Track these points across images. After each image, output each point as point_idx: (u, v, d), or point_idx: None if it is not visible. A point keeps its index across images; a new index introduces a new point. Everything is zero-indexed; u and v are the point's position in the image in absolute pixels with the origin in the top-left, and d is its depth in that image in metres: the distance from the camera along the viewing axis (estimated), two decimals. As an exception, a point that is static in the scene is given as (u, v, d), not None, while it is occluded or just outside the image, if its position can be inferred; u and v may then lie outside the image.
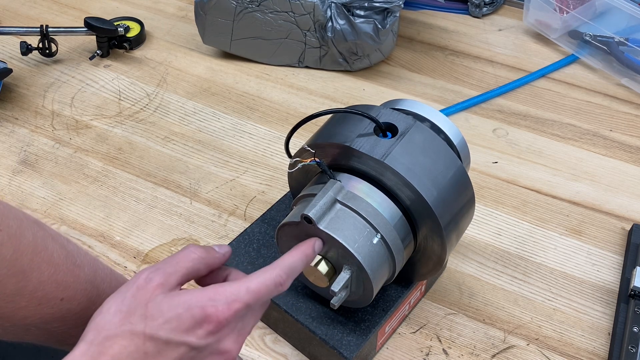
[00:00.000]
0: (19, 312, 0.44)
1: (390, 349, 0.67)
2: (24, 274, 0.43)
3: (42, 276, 0.44)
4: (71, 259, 0.47)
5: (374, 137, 0.56)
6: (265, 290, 0.46)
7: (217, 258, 0.49)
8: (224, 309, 0.43)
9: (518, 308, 0.70)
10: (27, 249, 0.43)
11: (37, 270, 0.44)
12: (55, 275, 0.45)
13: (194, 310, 0.43)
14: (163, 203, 0.82)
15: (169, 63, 1.04)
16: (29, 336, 0.47)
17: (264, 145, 0.90)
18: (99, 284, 0.49)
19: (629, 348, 0.64)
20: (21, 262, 0.43)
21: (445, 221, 0.56)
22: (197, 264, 0.47)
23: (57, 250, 0.46)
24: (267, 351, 0.67)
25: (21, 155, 0.88)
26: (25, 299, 0.43)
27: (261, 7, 0.96)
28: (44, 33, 0.99)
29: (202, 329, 0.43)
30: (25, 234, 0.44)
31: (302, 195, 0.58)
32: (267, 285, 0.46)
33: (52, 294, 0.45)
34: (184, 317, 0.42)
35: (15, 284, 0.42)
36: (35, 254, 0.44)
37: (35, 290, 0.44)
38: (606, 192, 0.83)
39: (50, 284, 0.45)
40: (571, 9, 1.03)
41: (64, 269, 0.46)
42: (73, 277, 0.47)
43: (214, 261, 0.48)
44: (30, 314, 0.44)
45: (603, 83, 1.00)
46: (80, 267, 0.48)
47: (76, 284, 0.47)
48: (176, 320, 0.42)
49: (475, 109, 0.96)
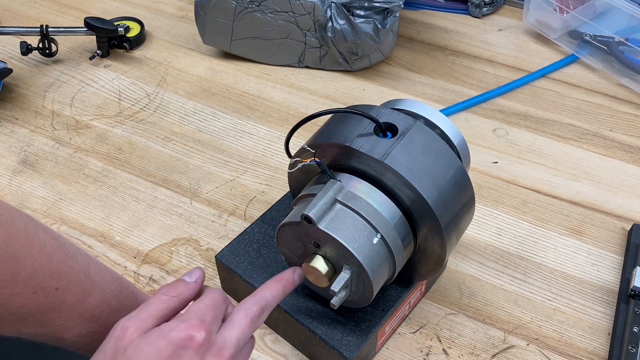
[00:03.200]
0: (15, 299, 0.44)
1: (390, 349, 0.67)
2: (18, 260, 0.43)
3: (35, 263, 0.44)
4: (63, 249, 0.48)
5: (374, 137, 0.56)
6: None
7: (189, 289, 0.49)
8: (198, 324, 0.44)
9: (518, 308, 0.70)
10: (19, 236, 0.44)
11: (30, 258, 0.44)
12: (49, 263, 0.46)
13: (170, 335, 0.43)
14: (163, 203, 0.82)
15: (169, 63, 1.04)
16: (26, 328, 0.47)
17: (264, 145, 0.90)
18: (92, 276, 0.49)
19: (629, 348, 0.64)
20: (13, 248, 0.43)
21: (445, 221, 0.55)
22: (170, 304, 0.47)
23: (49, 240, 0.47)
24: (267, 351, 0.67)
25: (21, 155, 0.88)
26: (20, 285, 0.44)
27: (261, 7, 0.96)
28: (44, 33, 0.99)
29: (188, 349, 0.43)
30: (16, 222, 0.44)
31: (302, 195, 0.58)
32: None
33: (47, 283, 0.45)
34: (162, 346, 0.42)
35: (9, 270, 0.43)
36: (27, 241, 0.44)
37: (30, 278, 0.44)
38: (606, 192, 0.83)
39: (44, 272, 0.45)
40: (571, 9, 1.03)
41: (57, 258, 0.46)
42: (66, 267, 0.47)
43: (187, 293, 0.49)
44: (26, 302, 0.45)
45: (603, 83, 1.00)
46: (73, 258, 0.48)
47: (70, 274, 0.47)
48: (156, 352, 0.42)
49: (475, 109, 0.96)
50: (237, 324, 0.47)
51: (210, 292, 0.49)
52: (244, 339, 0.47)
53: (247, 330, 0.47)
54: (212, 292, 0.49)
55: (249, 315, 0.48)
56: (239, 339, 0.46)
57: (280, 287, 0.53)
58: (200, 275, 0.50)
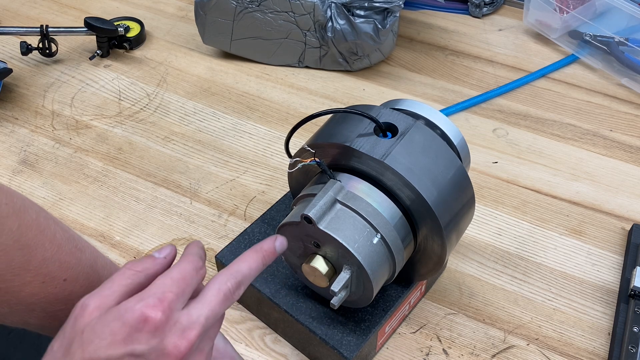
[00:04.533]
0: (25, 288, 0.44)
1: (390, 349, 0.67)
2: (29, 248, 0.43)
3: (45, 253, 0.44)
4: (73, 241, 0.48)
5: (374, 137, 0.56)
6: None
7: (157, 264, 0.45)
8: (155, 303, 0.40)
9: (518, 308, 0.70)
10: (31, 224, 0.44)
11: (41, 247, 0.44)
12: (59, 254, 0.45)
13: (125, 317, 0.40)
14: (163, 203, 0.82)
15: (169, 63, 1.04)
16: (33, 319, 0.47)
17: (264, 145, 0.90)
18: (99, 270, 0.50)
19: (629, 348, 0.64)
20: (26, 236, 0.43)
21: (445, 221, 0.56)
22: (135, 279, 0.43)
23: (59, 232, 0.47)
24: (267, 351, 0.67)
25: (21, 155, 0.88)
26: (31, 274, 0.44)
27: (261, 7, 0.96)
28: (44, 33, 0.99)
29: (143, 332, 0.40)
30: (29, 212, 0.44)
31: (302, 195, 0.58)
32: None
33: (56, 273, 0.45)
34: (116, 328, 0.40)
35: (21, 257, 0.43)
36: (39, 231, 0.44)
37: (40, 267, 0.44)
38: (606, 192, 0.83)
39: (54, 263, 0.45)
40: (571, 9, 1.03)
41: (66, 249, 0.46)
42: (75, 258, 0.47)
43: (154, 268, 0.45)
44: (35, 291, 0.45)
45: (603, 83, 1.00)
46: (82, 251, 0.48)
47: (78, 266, 0.47)
48: (110, 334, 0.39)
49: (475, 109, 0.96)
50: (208, 301, 0.43)
51: (182, 262, 0.45)
52: (213, 317, 0.43)
53: (218, 308, 0.43)
54: (184, 262, 0.45)
55: (222, 291, 0.44)
56: (207, 318, 0.42)
57: (259, 258, 0.47)
58: (171, 252, 0.47)
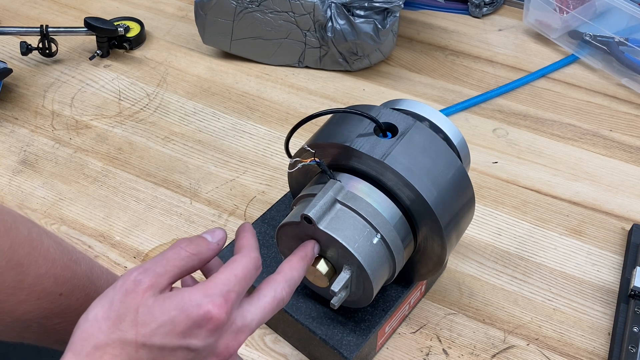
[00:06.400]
0: (20, 306, 0.44)
1: (390, 349, 0.67)
2: (22, 267, 0.43)
3: (39, 270, 0.44)
4: (67, 254, 0.47)
5: (374, 137, 0.56)
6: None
7: (211, 250, 0.45)
8: (221, 303, 0.40)
9: (518, 308, 0.70)
10: (23, 242, 0.43)
11: (35, 264, 0.43)
12: (53, 269, 0.45)
13: (189, 310, 0.40)
14: (163, 203, 0.82)
15: (169, 63, 1.04)
16: (30, 333, 0.47)
17: (264, 145, 0.90)
18: (95, 280, 0.49)
19: (629, 348, 0.64)
20: (18, 255, 0.42)
21: (445, 221, 0.55)
22: (188, 262, 0.43)
23: (53, 246, 0.46)
24: (267, 351, 0.67)
25: (21, 155, 0.88)
26: (25, 292, 0.43)
27: (261, 7, 0.96)
28: (44, 33, 0.99)
29: (203, 328, 0.40)
30: (20, 229, 0.43)
31: (302, 195, 0.58)
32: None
33: (51, 289, 0.45)
34: (178, 319, 0.39)
35: (14, 277, 0.42)
36: (31, 248, 0.44)
37: (34, 284, 0.43)
38: (606, 192, 0.83)
39: (48, 278, 0.44)
40: (571, 9, 1.03)
41: (60, 263, 0.46)
42: (70, 272, 0.46)
43: (208, 254, 0.44)
44: (30, 308, 0.44)
45: (603, 83, 1.00)
46: (77, 263, 0.48)
47: (73, 279, 0.47)
48: (170, 324, 0.39)
49: (475, 109, 0.96)
50: (262, 306, 0.43)
51: (244, 257, 0.44)
52: (262, 323, 0.44)
53: (269, 314, 0.44)
54: (246, 258, 0.44)
55: (276, 299, 0.44)
56: (258, 323, 0.43)
57: (305, 265, 0.49)
58: (223, 237, 0.46)
